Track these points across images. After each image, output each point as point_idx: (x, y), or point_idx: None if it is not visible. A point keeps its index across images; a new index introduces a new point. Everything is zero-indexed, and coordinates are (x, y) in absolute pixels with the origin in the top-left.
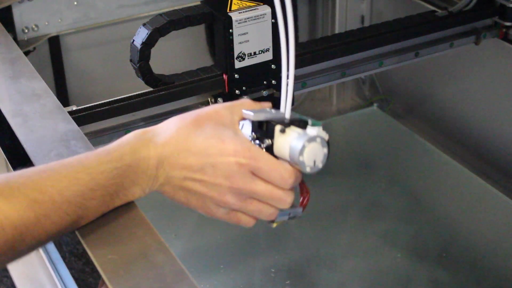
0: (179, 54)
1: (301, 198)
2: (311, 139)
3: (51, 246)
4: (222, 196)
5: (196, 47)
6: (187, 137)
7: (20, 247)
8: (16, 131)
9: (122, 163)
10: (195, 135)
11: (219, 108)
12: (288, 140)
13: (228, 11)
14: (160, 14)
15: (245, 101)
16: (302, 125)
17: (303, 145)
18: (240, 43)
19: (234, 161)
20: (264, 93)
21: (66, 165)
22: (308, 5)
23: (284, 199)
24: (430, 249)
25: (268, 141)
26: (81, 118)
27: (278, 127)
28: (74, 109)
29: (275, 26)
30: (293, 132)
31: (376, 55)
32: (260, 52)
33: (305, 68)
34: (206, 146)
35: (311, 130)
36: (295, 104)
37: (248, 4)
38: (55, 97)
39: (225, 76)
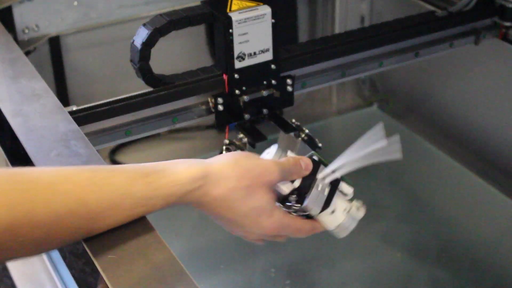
0: (179, 54)
1: None
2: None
3: None
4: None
5: (196, 47)
6: (235, 201)
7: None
8: (17, 131)
9: (165, 202)
10: (242, 202)
11: (276, 172)
12: (333, 220)
13: (228, 11)
14: (160, 14)
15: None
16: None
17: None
18: (240, 43)
19: (263, 233)
20: (264, 93)
21: (113, 189)
22: (308, 5)
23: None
24: (430, 249)
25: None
26: (81, 118)
27: (329, 210)
28: (74, 109)
29: (275, 26)
30: (342, 212)
31: (376, 55)
32: (260, 52)
33: (305, 68)
34: (245, 214)
35: (359, 213)
36: (295, 104)
37: (248, 4)
38: (55, 97)
39: (225, 76)
